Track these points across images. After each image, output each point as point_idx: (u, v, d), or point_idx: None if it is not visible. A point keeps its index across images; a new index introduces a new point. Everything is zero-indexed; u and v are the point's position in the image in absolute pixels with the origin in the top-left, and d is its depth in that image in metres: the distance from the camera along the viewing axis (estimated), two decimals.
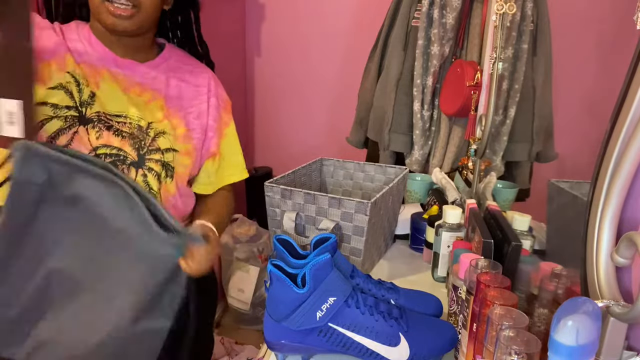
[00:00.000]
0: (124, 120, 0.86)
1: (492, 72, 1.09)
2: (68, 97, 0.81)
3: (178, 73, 0.95)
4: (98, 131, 0.83)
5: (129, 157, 0.85)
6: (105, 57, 0.87)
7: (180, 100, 0.94)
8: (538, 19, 1.40)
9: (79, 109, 0.82)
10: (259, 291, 2.21)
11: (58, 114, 0.81)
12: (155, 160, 0.88)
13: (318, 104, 2.43)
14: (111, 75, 0.87)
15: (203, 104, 0.97)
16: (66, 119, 0.81)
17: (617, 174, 0.54)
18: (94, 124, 0.83)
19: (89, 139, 0.82)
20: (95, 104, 0.83)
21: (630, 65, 0.54)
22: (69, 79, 0.82)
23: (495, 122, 1.40)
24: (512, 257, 0.77)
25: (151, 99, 0.90)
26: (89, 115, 0.83)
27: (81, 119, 0.82)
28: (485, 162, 1.26)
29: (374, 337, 0.68)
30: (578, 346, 0.44)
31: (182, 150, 0.92)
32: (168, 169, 0.90)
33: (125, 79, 0.88)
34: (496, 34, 1.09)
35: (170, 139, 0.90)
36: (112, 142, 0.84)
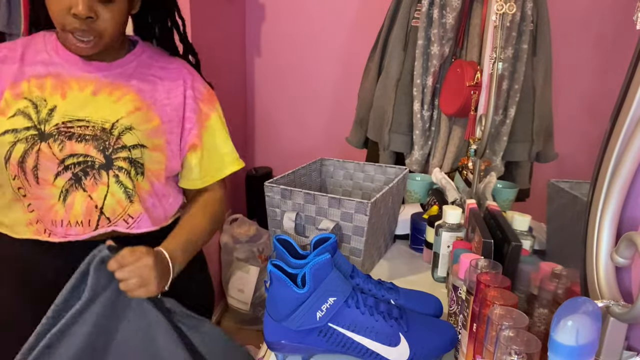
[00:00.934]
0: (87, 124, 0.83)
1: (492, 72, 1.09)
2: (26, 119, 0.81)
3: (150, 70, 0.92)
4: (60, 143, 0.81)
5: (96, 161, 0.84)
6: (73, 63, 0.86)
7: (154, 92, 0.91)
8: (538, 19, 1.40)
9: (37, 127, 0.81)
10: (259, 291, 2.21)
11: (19, 137, 0.80)
12: (123, 158, 0.85)
13: (318, 104, 2.43)
14: (78, 83, 0.85)
15: (179, 97, 0.93)
16: (27, 139, 0.80)
17: (617, 174, 0.54)
18: (55, 137, 0.81)
19: (52, 153, 0.81)
20: (55, 117, 0.82)
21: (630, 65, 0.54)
22: (27, 103, 0.81)
23: (495, 122, 1.40)
24: (512, 257, 0.77)
25: (122, 95, 0.87)
26: (48, 130, 0.81)
27: (41, 135, 0.81)
28: (485, 162, 1.26)
29: (374, 337, 0.68)
30: (578, 346, 0.44)
31: (151, 146, 0.88)
32: (137, 165, 0.87)
33: (94, 81, 0.86)
34: (496, 34, 1.09)
35: (138, 134, 0.86)
36: (77, 150, 0.82)
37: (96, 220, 0.85)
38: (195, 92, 0.95)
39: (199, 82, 0.97)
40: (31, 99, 0.81)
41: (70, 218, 0.84)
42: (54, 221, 0.84)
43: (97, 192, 0.84)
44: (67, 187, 0.83)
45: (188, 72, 0.96)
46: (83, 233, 0.85)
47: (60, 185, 0.82)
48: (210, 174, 1.00)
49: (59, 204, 0.83)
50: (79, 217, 0.84)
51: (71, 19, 0.76)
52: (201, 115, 0.96)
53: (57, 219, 0.84)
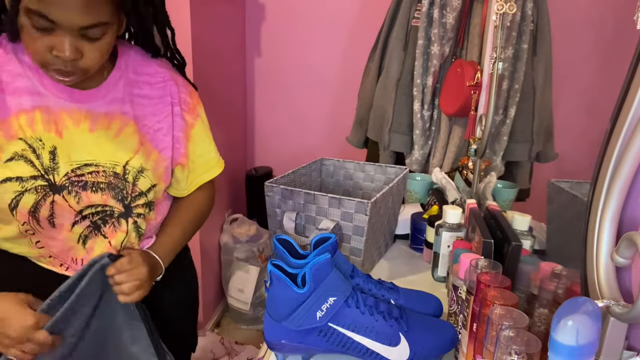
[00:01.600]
0: (96, 169, 0.78)
1: (492, 72, 1.09)
2: (30, 167, 0.73)
3: (136, 88, 0.83)
4: (75, 195, 0.77)
5: (115, 210, 0.81)
6: (60, 94, 0.75)
7: (146, 119, 0.84)
8: (538, 19, 1.40)
9: (45, 177, 0.74)
10: (259, 291, 2.21)
11: (26, 187, 0.73)
12: (142, 205, 0.84)
13: (318, 104, 2.43)
14: (71, 117, 0.76)
15: (168, 117, 0.86)
16: (36, 190, 0.74)
17: (617, 174, 0.54)
18: (68, 190, 0.76)
19: (69, 205, 0.77)
20: (61, 165, 0.75)
21: (630, 65, 0.54)
22: (23, 145, 0.73)
23: (495, 122, 1.40)
24: (512, 257, 0.77)
25: (121, 126, 0.80)
26: (60, 182, 0.75)
27: (52, 187, 0.75)
28: (485, 162, 1.26)
29: (374, 337, 0.68)
30: (578, 346, 0.44)
31: (158, 180, 0.86)
32: (151, 206, 0.87)
33: (88, 115, 0.77)
34: (496, 34, 1.09)
35: (149, 175, 0.83)
36: (94, 201, 0.78)
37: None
38: (182, 105, 0.88)
39: (184, 91, 0.89)
40: (26, 140, 0.73)
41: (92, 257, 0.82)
42: (74, 259, 0.83)
43: (116, 238, 0.84)
44: (86, 234, 0.81)
45: (174, 83, 0.87)
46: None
47: (79, 232, 0.81)
48: (196, 182, 0.96)
49: (79, 246, 0.82)
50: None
51: (54, 59, 0.67)
52: (187, 128, 0.90)
53: (78, 257, 0.83)
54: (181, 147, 0.90)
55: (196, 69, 1.87)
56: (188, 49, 1.83)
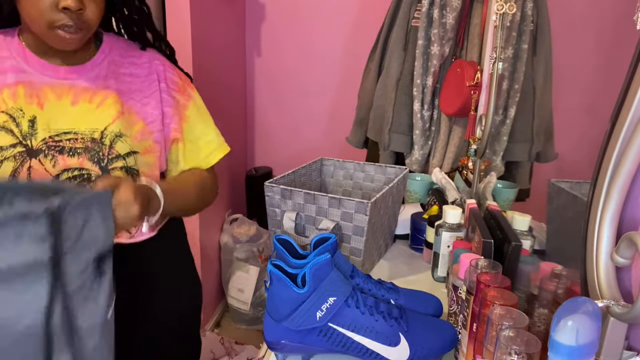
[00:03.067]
0: (75, 136, 0.80)
1: (492, 72, 1.09)
2: (10, 136, 0.77)
3: (122, 67, 0.88)
4: (52, 159, 0.78)
5: (92, 173, 0.81)
6: (45, 71, 0.80)
7: (132, 93, 0.87)
8: (538, 19, 1.40)
9: (23, 142, 0.77)
10: (259, 291, 2.21)
11: (5, 155, 0.76)
12: (120, 168, 0.83)
13: (318, 104, 2.43)
14: (54, 92, 0.80)
15: (156, 93, 0.89)
16: (15, 157, 0.76)
17: (617, 174, 0.54)
18: (45, 153, 0.78)
19: (45, 169, 0.78)
20: (39, 131, 0.78)
21: (630, 65, 0.54)
22: (5, 117, 0.77)
23: (495, 122, 1.40)
24: (512, 257, 0.77)
25: (102, 100, 0.83)
26: (37, 146, 0.78)
27: (29, 152, 0.77)
28: (485, 162, 1.26)
29: (374, 337, 0.68)
30: (578, 346, 0.44)
31: (141, 150, 0.86)
32: (133, 173, 0.85)
33: (71, 89, 0.81)
34: (496, 34, 1.09)
35: (128, 140, 0.84)
36: (71, 164, 0.79)
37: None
38: (169, 83, 0.92)
39: (171, 72, 0.93)
40: (7, 112, 0.77)
41: None
42: None
43: None
44: None
45: (160, 62, 0.92)
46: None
47: None
48: (196, 165, 0.96)
49: None
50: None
51: (60, 14, 0.72)
52: (178, 107, 0.92)
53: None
54: (172, 122, 0.91)
55: (196, 69, 1.87)
56: (188, 49, 1.83)
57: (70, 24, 0.73)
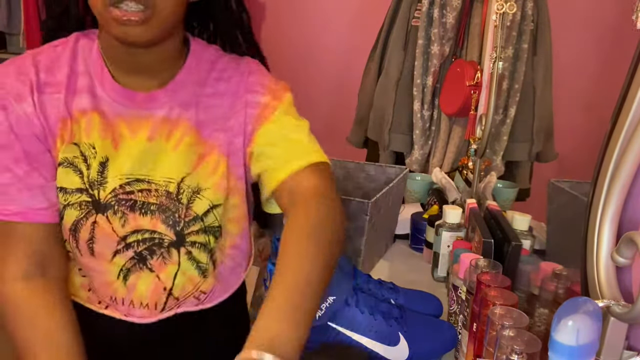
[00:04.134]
0: (149, 187, 0.66)
1: (492, 71, 1.09)
2: (77, 177, 0.64)
3: (207, 86, 0.70)
4: (121, 217, 0.65)
5: (165, 239, 0.68)
6: (119, 98, 0.65)
7: (216, 121, 0.69)
8: (538, 19, 1.40)
9: (89, 192, 0.64)
10: (259, 291, 2.21)
11: (70, 201, 0.64)
12: (197, 232, 0.69)
13: (318, 104, 2.43)
14: (129, 126, 0.65)
15: (241, 112, 0.69)
16: (80, 205, 0.64)
17: (617, 174, 0.54)
18: (114, 209, 0.65)
19: (113, 229, 0.66)
20: (109, 180, 0.65)
21: (630, 65, 0.54)
22: (76, 152, 0.64)
23: (495, 122, 1.40)
24: (512, 257, 0.77)
25: (180, 137, 0.67)
26: (105, 200, 0.65)
27: (95, 204, 0.65)
28: (485, 162, 1.26)
29: (374, 337, 0.68)
30: (578, 346, 0.44)
31: (224, 198, 0.69)
32: (214, 232, 0.70)
33: (148, 121, 0.66)
34: (496, 34, 1.09)
35: (209, 193, 0.67)
36: (142, 225, 0.66)
37: (163, 302, 0.70)
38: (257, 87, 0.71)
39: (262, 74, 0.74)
40: (79, 145, 0.64)
41: (134, 298, 0.70)
42: (114, 298, 0.70)
43: (166, 272, 0.69)
44: (129, 267, 0.68)
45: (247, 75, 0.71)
46: (149, 316, 0.71)
47: (120, 263, 0.68)
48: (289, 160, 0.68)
49: (119, 283, 0.69)
50: (144, 299, 0.70)
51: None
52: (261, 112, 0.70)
53: (118, 296, 0.70)
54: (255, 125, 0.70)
55: None
56: None
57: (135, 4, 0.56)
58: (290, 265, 0.55)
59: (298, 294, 0.52)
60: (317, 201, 0.63)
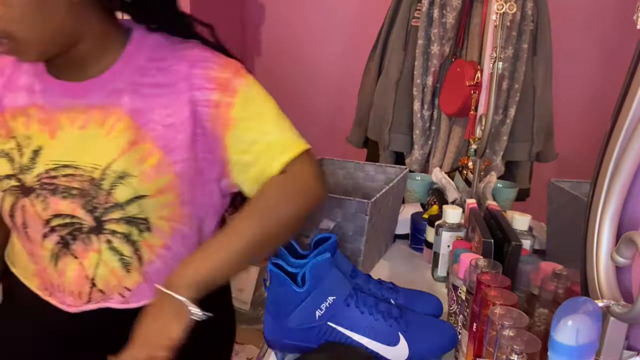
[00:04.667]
0: (74, 172, 0.66)
1: (492, 71, 1.09)
2: (9, 164, 0.68)
3: (147, 76, 0.69)
4: (43, 200, 0.67)
5: (84, 224, 0.68)
6: (54, 90, 0.68)
7: (153, 111, 0.68)
8: (538, 19, 1.40)
9: (17, 176, 0.67)
10: (259, 291, 2.21)
11: (3, 187, 0.68)
12: (117, 220, 0.68)
13: (318, 104, 2.43)
14: (67, 114, 0.68)
15: (184, 109, 0.68)
16: (11, 191, 0.68)
17: (617, 174, 0.54)
18: (37, 193, 0.67)
19: (36, 212, 0.68)
20: (38, 164, 0.67)
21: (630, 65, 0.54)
22: (12, 144, 0.68)
23: (495, 122, 1.40)
24: (512, 257, 0.77)
25: (113, 123, 0.67)
26: (30, 183, 0.67)
27: (22, 189, 0.67)
28: (485, 162, 1.26)
29: (373, 337, 0.68)
30: (578, 346, 0.44)
31: (153, 191, 0.67)
32: (138, 224, 0.68)
33: (82, 110, 0.67)
34: (496, 34, 1.09)
35: (134, 182, 0.66)
36: (62, 209, 0.67)
37: (88, 292, 0.71)
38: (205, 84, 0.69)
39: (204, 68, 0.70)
40: (17, 138, 0.68)
41: (65, 285, 0.71)
42: (51, 283, 0.73)
43: (88, 259, 0.70)
44: (57, 251, 0.70)
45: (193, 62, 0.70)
46: (74, 305, 0.72)
47: (49, 247, 0.70)
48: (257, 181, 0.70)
49: (51, 267, 0.71)
50: (72, 287, 0.71)
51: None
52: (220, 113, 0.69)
53: (54, 282, 0.72)
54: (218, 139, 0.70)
55: None
56: None
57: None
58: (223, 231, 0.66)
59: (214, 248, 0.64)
60: (275, 182, 0.68)
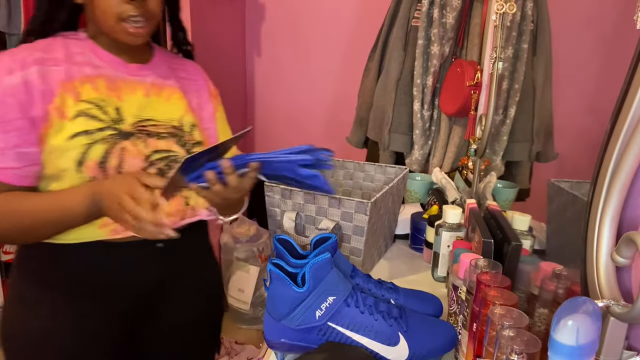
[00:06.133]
0: (156, 123, 0.87)
1: (492, 71, 1.09)
2: (95, 121, 0.80)
3: (175, 71, 0.96)
4: (143, 140, 0.84)
5: (179, 155, 0.87)
6: (117, 67, 0.86)
7: (189, 94, 0.96)
8: (538, 19, 1.40)
9: (113, 126, 0.81)
10: (259, 291, 2.21)
11: (96, 139, 0.79)
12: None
13: (318, 104, 2.43)
14: (128, 85, 0.86)
15: (203, 96, 0.99)
16: (105, 139, 0.80)
17: (617, 174, 0.54)
18: (137, 136, 0.83)
19: (138, 150, 0.83)
20: (126, 117, 0.83)
21: (630, 65, 0.54)
22: (87, 105, 0.80)
23: (495, 122, 1.40)
24: (512, 257, 0.77)
25: (170, 94, 0.92)
26: (127, 130, 0.83)
27: (121, 134, 0.82)
28: (485, 162, 1.26)
29: (373, 337, 0.68)
30: (578, 346, 0.44)
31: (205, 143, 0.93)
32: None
33: (141, 83, 0.88)
34: (496, 34, 1.09)
35: (199, 131, 0.93)
36: (160, 146, 0.86)
37: (183, 210, 0.89)
38: (210, 90, 1.02)
39: (209, 80, 1.04)
40: (90, 101, 0.81)
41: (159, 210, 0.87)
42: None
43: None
44: None
45: (201, 71, 1.02)
46: (172, 224, 0.87)
47: None
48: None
49: None
50: (169, 208, 0.87)
51: (126, 6, 0.78)
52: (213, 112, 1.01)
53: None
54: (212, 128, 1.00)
55: None
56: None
57: (136, 14, 0.79)
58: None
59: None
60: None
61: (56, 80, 0.79)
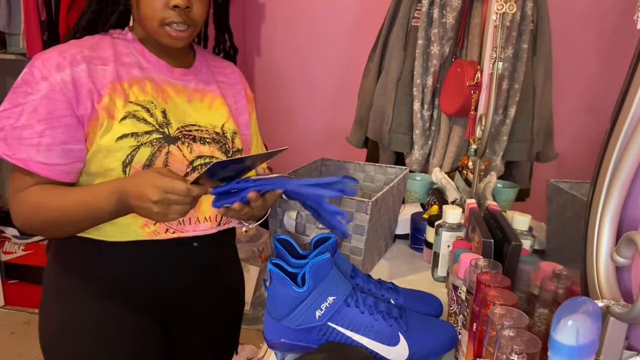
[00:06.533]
0: (200, 128, 0.88)
1: (492, 71, 1.09)
2: (143, 124, 0.81)
3: (216, 75, 0.98)
4: (188, 145, 0.85)
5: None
6: (163, 70, 0.88)
7: (228, 98, 0.97)
8: (538, 19, 1.40)
9: (160, 130, 0.82)
10: (259, 291, 2.21)
11: (142, 141, 0.80)
12: None
13: (318, 104, 2.43)
14: (173, 89, 0.88)
15: (241, 102, 1.00)
16: (152, 143, 0.81)
17: (617, 174, 0.54)
18: (182, 140, 0.85)
19: (183, 155, 0.84)
20: (172, 121, 0.84)
21: (630, 65, 0.54)
22: (136, 107, 0.81)
23: (495, 122, 1.40)
24: (512, 257, 0.77)
25: (212, 100, 0.93)
26: (174, 134, 0.84)
27: (167, 139, 0.83)
28: (485, 162, 1.26)
29: (373, 337, 0.68)
30: (578, 346, 0.44)
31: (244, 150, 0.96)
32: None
33: (184, 88, 0.89)
34: (496, 34, 1.09)
35: (239, 138, 0.94)
36: (203, 152, 0.87)
37: (220, 216, 0.91)
38: (247, 93, 1.03)
39: (246, 84, 1.05)
40: (138, 103, 0.82)
41: (199, 215, 0.87)
42: (181, 221, 0.85)
43: None
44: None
45: (240, 74, 1.03)
46: (211, 228, 0.89)
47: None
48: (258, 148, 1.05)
49: None
50: (207, 213, 0.88)
51: (170, 12, 0.79)
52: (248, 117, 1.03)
53: (186, 217, 0.85)
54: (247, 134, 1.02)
55: None
56: None
57: (179, 21, 0.80)
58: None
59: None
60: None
61: (104, 79, 0.79)
